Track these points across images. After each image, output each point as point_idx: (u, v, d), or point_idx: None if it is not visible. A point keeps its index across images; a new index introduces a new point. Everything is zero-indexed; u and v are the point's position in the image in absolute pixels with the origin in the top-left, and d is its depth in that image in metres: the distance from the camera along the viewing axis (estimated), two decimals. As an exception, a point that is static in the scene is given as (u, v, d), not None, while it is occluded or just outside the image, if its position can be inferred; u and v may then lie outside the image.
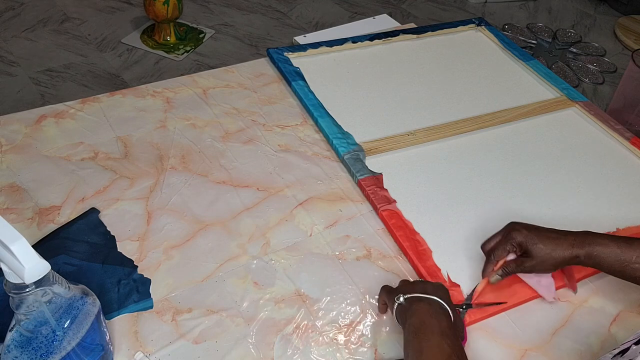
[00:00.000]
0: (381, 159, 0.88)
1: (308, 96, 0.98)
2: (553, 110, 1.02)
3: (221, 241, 0.74)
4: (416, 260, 0.72)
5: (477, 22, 1.25)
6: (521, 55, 1.15)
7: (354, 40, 1.14)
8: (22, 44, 2.14)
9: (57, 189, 0.78)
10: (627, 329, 0.68)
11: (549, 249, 0.65)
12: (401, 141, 0.91)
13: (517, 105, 1.02)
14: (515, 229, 0.67)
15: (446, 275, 0.70)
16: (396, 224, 0.76)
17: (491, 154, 0.92)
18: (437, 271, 0.71)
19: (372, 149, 0.89)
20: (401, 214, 0.78)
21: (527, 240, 0.66)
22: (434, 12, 2.63)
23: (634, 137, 0.95)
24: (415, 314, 0.57)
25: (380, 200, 0.79)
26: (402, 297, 0.59)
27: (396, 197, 0.80)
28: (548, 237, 0.66)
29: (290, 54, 1.08)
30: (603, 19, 2.69)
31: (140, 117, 0.92)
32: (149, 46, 2.19)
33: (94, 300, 0.54)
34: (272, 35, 2.34)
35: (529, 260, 0.66)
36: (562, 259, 0.65)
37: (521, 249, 0.67)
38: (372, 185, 0.82)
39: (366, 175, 0.83)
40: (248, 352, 0.62)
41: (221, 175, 0.83)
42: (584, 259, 0.65)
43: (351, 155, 0.86)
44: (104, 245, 0.71)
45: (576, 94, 1.06)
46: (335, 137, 0.90)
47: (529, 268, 0.67)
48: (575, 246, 0.65)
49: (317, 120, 0.93)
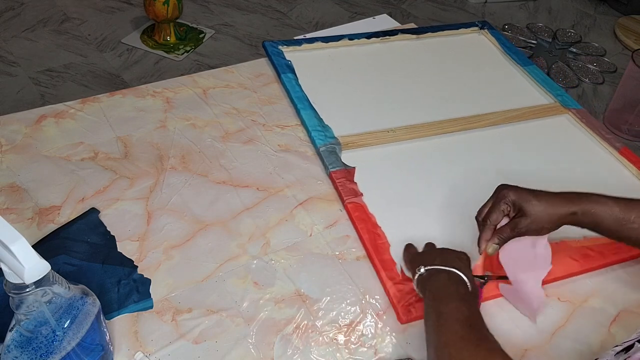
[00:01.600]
0: (358, 153, 0.88)
1: (294, 89, 0.98)
2: (544, 116, 1.00)
3: (221, 241, 0.74)
4: (373, 253, 0.72)
5: (480, 25, 1.24)
6: (520, 59, 1.14)
7: (350, 37, 1.14)
8: (22, 44, 2.14)
9: (57, 189, 0.78)
10: (627, 329, 0.68)
11: (543, 205, 0.63)
12: (380, 137, 0.91)
13: (507, 109, 1.00)
14: (505, 188, 0.65)
15: (399, 269, 0.70)
16: (359, 216, 0.77)
17: (473, 156, 0.91)
18: (392, 265, 0.71)
19: (350, 143, 0.89)
20: (365, 207, 0.78)
21: (520, 197, 0.64)
22: (434, 12, 2.63)
23: (624, 148, 0.93)
24: (434, 283, 0.60)
25: (347, 193, 0.80)
26: (423, 268, 0.62)
27: (365, 192, 0.80)
28: (542, 194, 0.64)
29: (284, 48, 1.09)
30: (603, 19, 2.69)
31: (140, 117, 0.92)
32: (149, 46, 2.19)
33: (94, 300, 0.54)
34: (272, 35, 2.34)
35: (524, 219, 0.63)
36: (559, 215, 0.63)
37: (515, 209, 0.64)
38: (342, 178, 0.82)
39: (338, 168, 0.84)
40: (248, 352, 0.62)
41: (221, 175, 0.83)
42: (581, 216, 0.62)
43: (327, 148, 0.87)
44: (104, 245, 0.71)
45: (570, 101, 1.04)
46: (315, 129, 0.90)
47: (524, 228, 0.64)
48: (572, 202, 0.62)
49: (299, 112, 0.94)
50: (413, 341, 0.64)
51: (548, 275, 0.70)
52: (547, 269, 0.66)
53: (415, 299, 0.67)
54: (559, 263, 0.72)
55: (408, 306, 0.66)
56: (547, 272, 0.66)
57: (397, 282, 0.69)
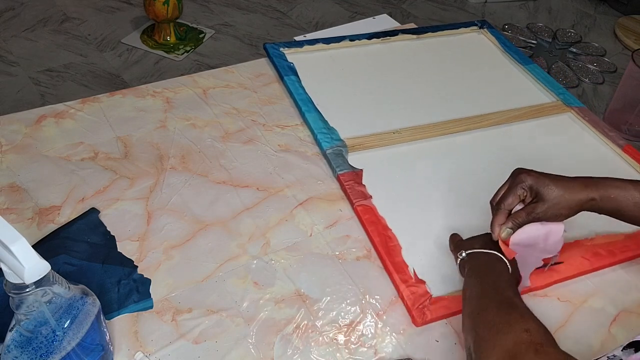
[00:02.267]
0: (364, 155, 0.88)
1: (298, 91, 0.98)
2: (547, 114, 1.00)
3: (221, 241, 0.74)
4: (385, 256, 0.72)
5: (479, 25, 1.24)
6: (520, 59, 1.14)
7: (351, 38, 1.14)
8: (22, 44, 2.14)
9: (57, 189, 0.78)
10: (627, 329, 0.68)
11: (561, 190, 0.61)
12: (386, 139, 0.91)
13: (510, 108, 1.01)
14: (523, 172, 0.63)
15: (412, 272, 0.70)
16: (369, 219, 0.76)
17: (477, 156, 0.91)
18: (404, 267, 0.71)
19: (356, 145, 0.89)
20: (375, 210, 0.78)
21: (537, 182, 0.62)
22: (434, 12, 2.63)
23: (627, 145, 0.93)
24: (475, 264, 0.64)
25: (356, 196, 0.79)
26: (465, 252, 0.65)
27: (374, 194, 0.80)
28: (560, 179, 0.62)
29: (285, 50, 1.09)
30: (603, 19, 2.69)
31: (140, 117, 0.92)
32: (149, 46, 2.19)
33: (94, 300, 0.54)
34: (272, 35, 2.34)
35: (541, 204, 0.61)
36: (577, 201, 0.61)
37: (532, 194, 0.63)
38: (351, 181, 0.82)
39: (346, 170, 0.83)
40: (248, 352, 0.62)
41: (221, 175, 0.83)
42: (600, 202, 0.60)
43: (333, 151, 0.87)
44: (104, 245, 0.71)
45: (572, 99, 1.04)
46: (320, 132, 0.90)
47: (541, 214, 0.62)
48: (590, 187, 0.61)
49: (304, 115, 0.94)
50: (413, 341, 0.64)
51: (559, 275, 0.71)
52: (553, 254, 0.66)
53: (430, 302, 0.67)
54: (571, 262, 0.73)
55: (423, 309, 0.66)
56: (551, 256, 0.67)
57: (410, 284, 0.68)
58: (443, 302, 0.67)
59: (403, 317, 0.67)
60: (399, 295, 0.69)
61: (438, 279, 0.70)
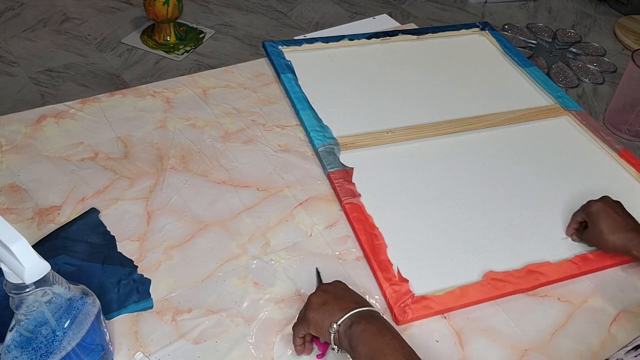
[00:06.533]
0: (356, 154, 0.88)
1: (294, 89, 0.98)
2: (544, 117, 1.00)
3: (221, 241, 0.74)
4: (370, 254, 0.72)
5: (481, 27, 1.24)
6: (521, 61, 1.13)
7: (350, 37, 1.14)
8: (22, 44, 2.13)
9: (57, 189, 0.78)
10: (627, 329, 0.68)
11: (606, 228, 0.65)
12: (379, 138, 0.91)
13: (506, 110, 1.00)
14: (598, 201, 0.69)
15: (396, 270, 0.70)
16: (357, 217, 0.77)
17: (471, 157, 0.90)
18: (388, 266, 0.71)
19: (349, 143, 0.89)
20: (363, 208, 0.78)
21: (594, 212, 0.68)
22: (434, 12, 2.62)
23: (624, 150, 0.93)
24: (360, 341, 0.53)
25: (345, 193, 0.80)
26: (336, 325, 0.55)
27: (363, 192, 0.81)
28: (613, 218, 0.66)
29: (284, 48, 1.09)
30: (603, 19, 2.69)
31: (140, 117, 0.92)
32: (149, 46, 2.19)
33: (94, 301, 0.54)
34: (272, 35, 2.34)
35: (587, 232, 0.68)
36: (613, 244, 0.65)
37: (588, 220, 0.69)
38: (340, 179, 0.82)
39: (336, 168, 0.84)
40: (248, 352, 0.62)
41: (221, 175, 0.83)
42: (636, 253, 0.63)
43: (325, 148, 0.87)
44: (104, 245, 0.71)
45: (571, 102, 1.03)
46: (313, 129, 0.90)
47: (585, 239, 0.69)
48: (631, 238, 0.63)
49: (298, 113, 0.94)
50: (412, 341, 0.64)
51: (546, 278, 0.71)
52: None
53: (412, 300, 0.67)
54: (558, 266, 0.72)
55: (404, 307, 0.66)
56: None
57: (393, 283, 0.69)
58: (425, 302, 0.67)
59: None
60: (382, 293, 0.69)
61: (422, 279, 0.71)
